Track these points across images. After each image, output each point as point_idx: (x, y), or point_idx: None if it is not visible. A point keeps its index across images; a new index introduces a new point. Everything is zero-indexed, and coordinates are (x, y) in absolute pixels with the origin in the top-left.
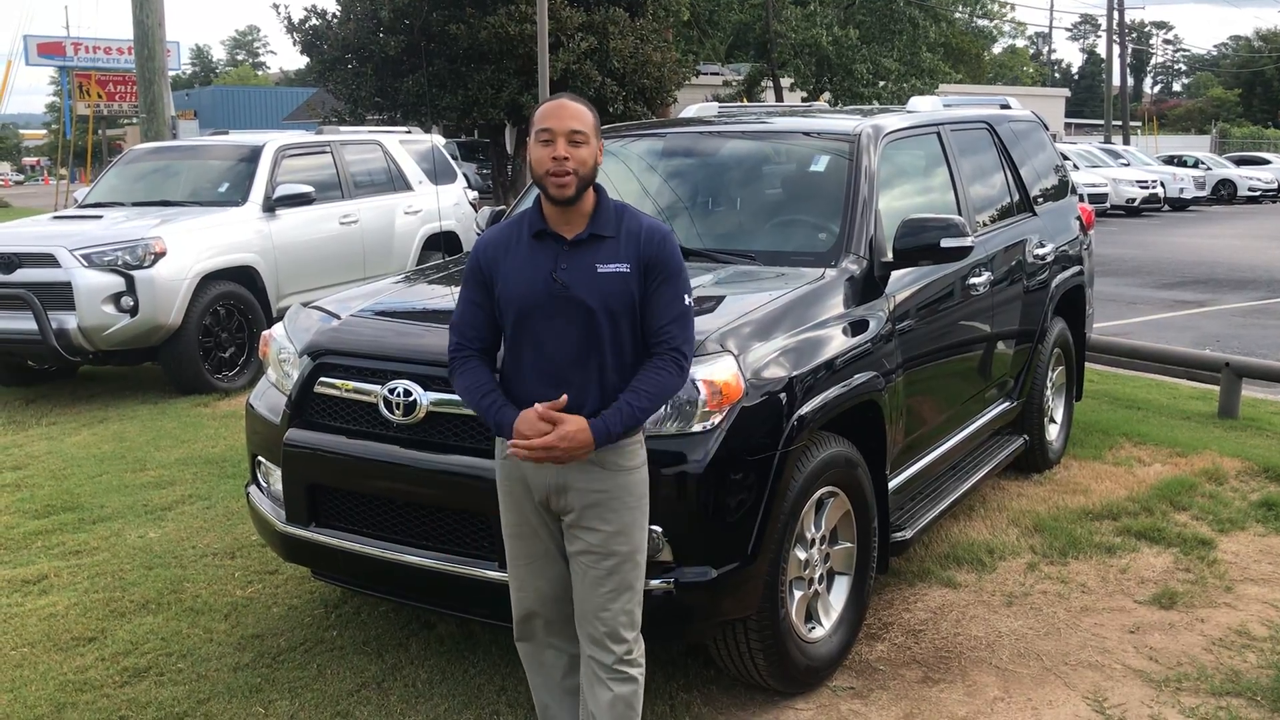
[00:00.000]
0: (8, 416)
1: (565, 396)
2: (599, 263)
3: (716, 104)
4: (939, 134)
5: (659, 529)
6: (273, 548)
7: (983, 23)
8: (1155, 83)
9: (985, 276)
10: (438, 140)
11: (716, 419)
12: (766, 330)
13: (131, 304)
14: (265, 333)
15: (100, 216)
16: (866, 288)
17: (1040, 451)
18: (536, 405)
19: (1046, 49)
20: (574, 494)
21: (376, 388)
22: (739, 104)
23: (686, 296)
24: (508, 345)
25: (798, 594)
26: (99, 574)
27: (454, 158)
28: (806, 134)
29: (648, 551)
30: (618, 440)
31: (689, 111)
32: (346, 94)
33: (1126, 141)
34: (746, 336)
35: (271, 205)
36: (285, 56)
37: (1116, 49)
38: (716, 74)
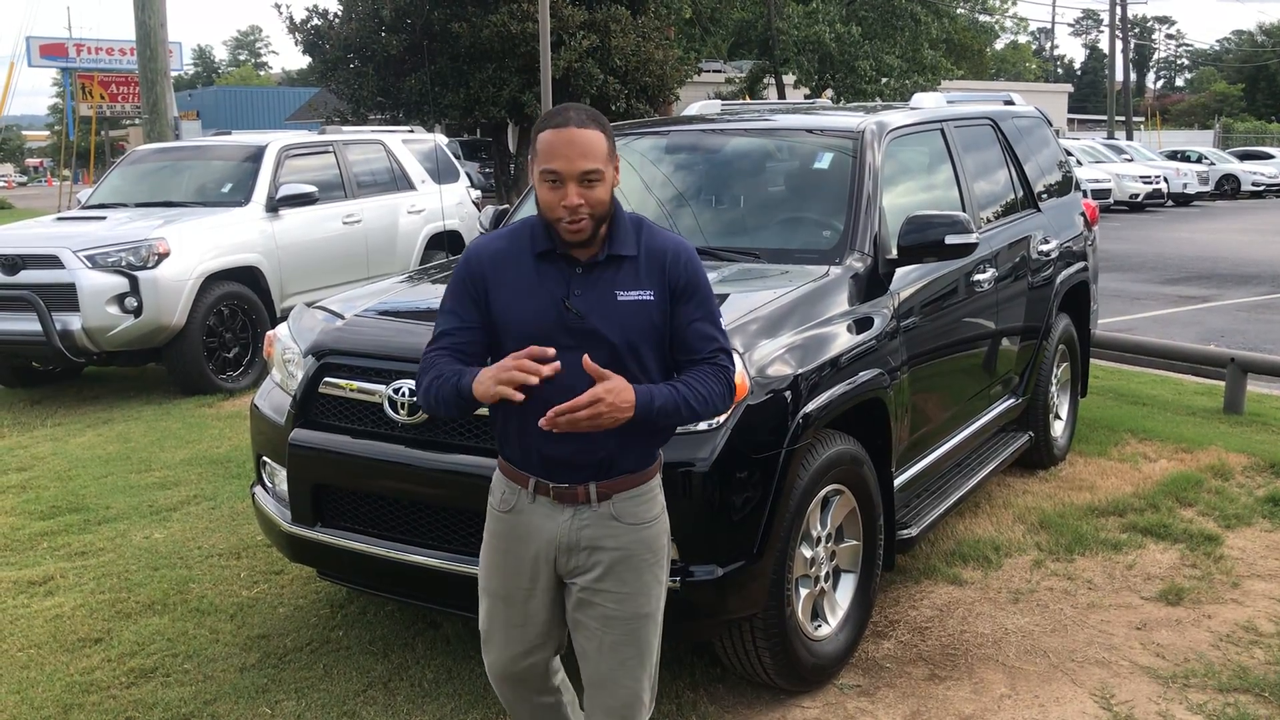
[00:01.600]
0: (13, 418)
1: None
2: (619, 289)
3: (719, 101)
4: (942, 130)
5: None
6: (278, 548)
7: (985, 19)
8: (1158, 78)
9: (989, 273)
10: (440, 139)
11: (722, 417)
12: (771, 328)
13: (135, 305)
14: (269, 333)
15: (104, 217)
16: (871, 285)
17: (1045, 448)
18: (530, 349)
19: (1049, 44)
20: (591, 553)
21: (381, 387)
22: (741, 101)
23: (718, 311)
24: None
25: (804, 592)
26: (105, 575)
27: (457, 157)
28: (810, 131)
29: None
30: (654, 419)
31: (692, 109)
32: (349, 94)
33: (1130, 137)
34: (751, 335)
35: (275, 205)
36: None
37: (1119, 44)
38: (719, 71)
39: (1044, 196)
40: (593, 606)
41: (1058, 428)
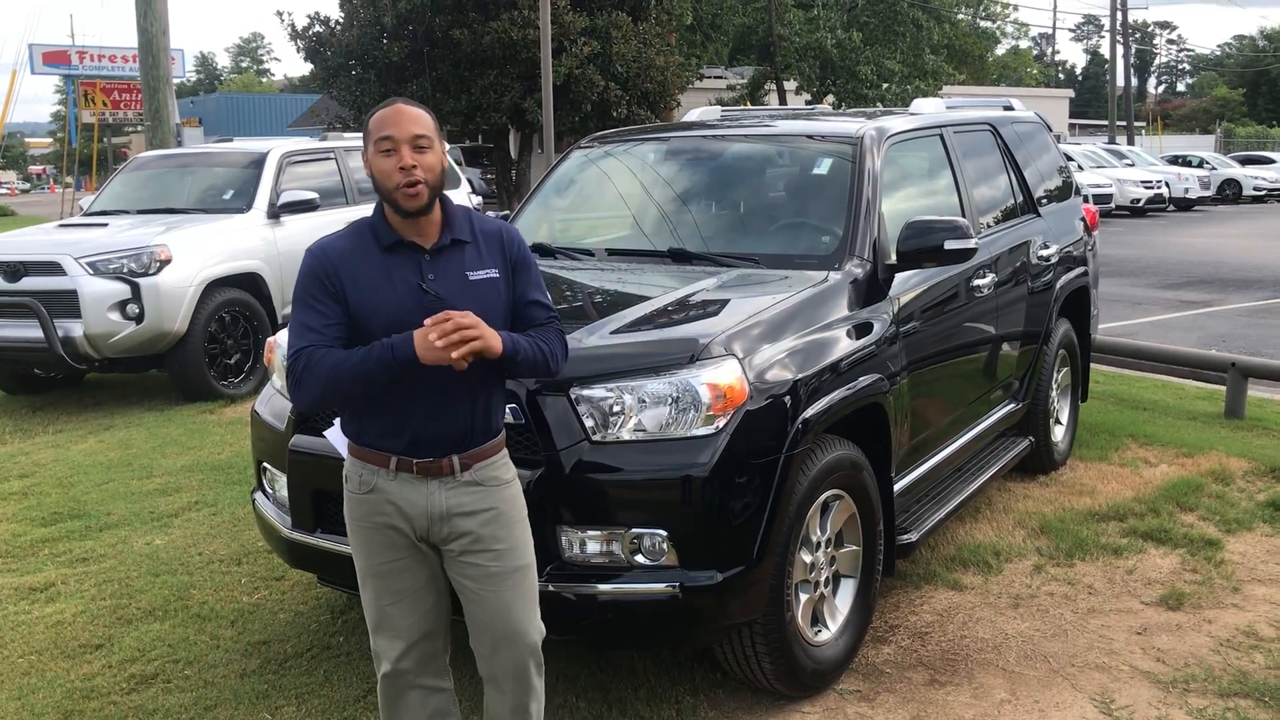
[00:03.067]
0: (15, 424)
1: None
2: (468, 270)
3: (719, 108)
4: (942, 136)
5: (663, 532)
6: (278, 554)
7: (986, 24)
8: (1159, 83)
9: (989, 278)
10: None
11: (721, 422)
12: (771, 333)
13: (137, 311)
14: (270, 339)
15: (105, 224)
16: (870, 290)
17: (1046, 453)
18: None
19: (1050, 50)
20: (462, 519)
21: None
22: (742, 107)
23: (543, 283)
24: None
25: (803, 597)
26: (106, 581)
27: (458, 163)
28: (809, 137)
29: (652, 554)
30: (517, 360)
31: (692, 115)
32: (350, 100)
33: (1131, 142)
34: (751, 340)
35: (276, 212)
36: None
37: (1120, 49)
38: (720, 77)
39: (1044, 201)
40: (475, 567)
41: (1058, 432)
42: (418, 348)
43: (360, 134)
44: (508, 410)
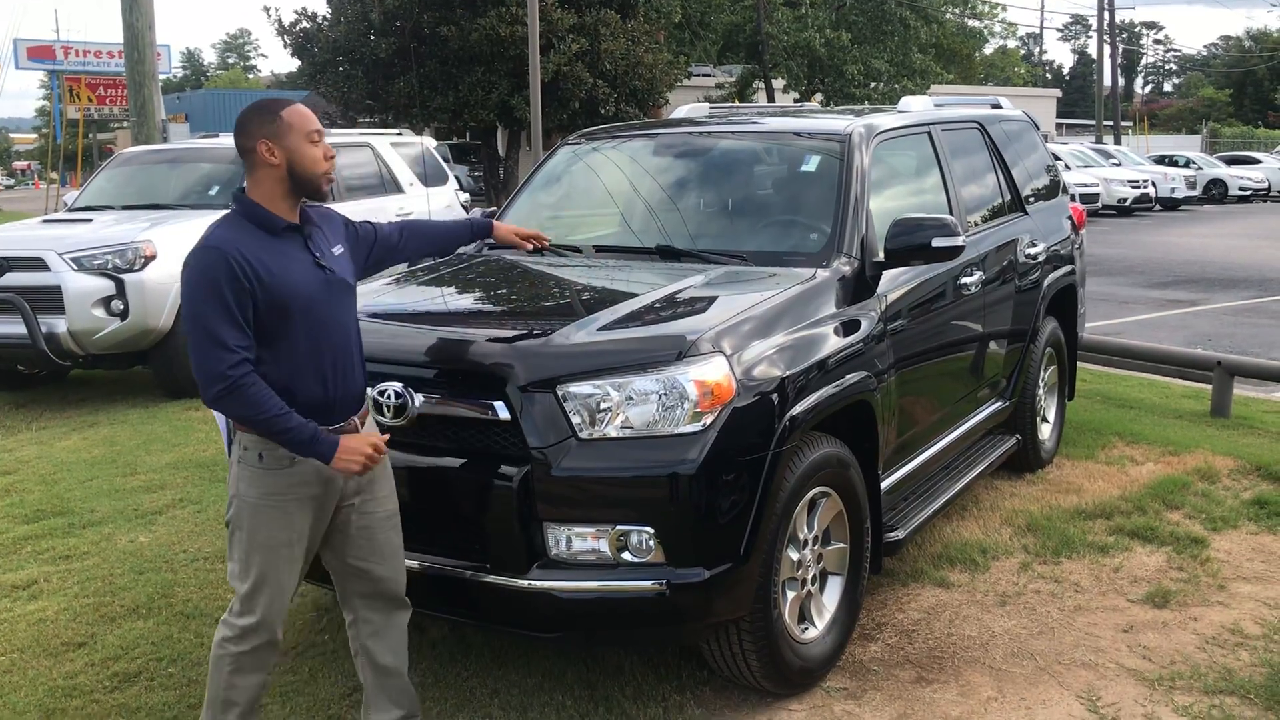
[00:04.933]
0: None
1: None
2: (332, 246)
3: (708, 104)
4: (930, 134)
5: (650, 530)
6: None
7: (973, 23)
8: (1146, 83)
9: (977, 276)
10: (429, 142)
11: (709, 419)
12: (758, 331)
13: (121, 308)
14: None
15: (90, 220)
16: (858, 288)
17: (1033, 451)
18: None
19: (1037, 49)
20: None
21: (367, 390)
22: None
23: None
24: (282, 344)
25: (790, 595)
26: (89, 579)
27: (445, 160)
28: (797, 134)
29: (639, 552)
30: None
31: (680, 112)
32: (337, 96)
33: (1118, 141)
34: (739, 337)
35: None
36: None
37: (1107, 49)
38: (708, 75)
39: (1031, 200)
40: (367, 515)
41: (1045, 431)
42: (338, 458)
43: (346, 131)
44: (495, 406)
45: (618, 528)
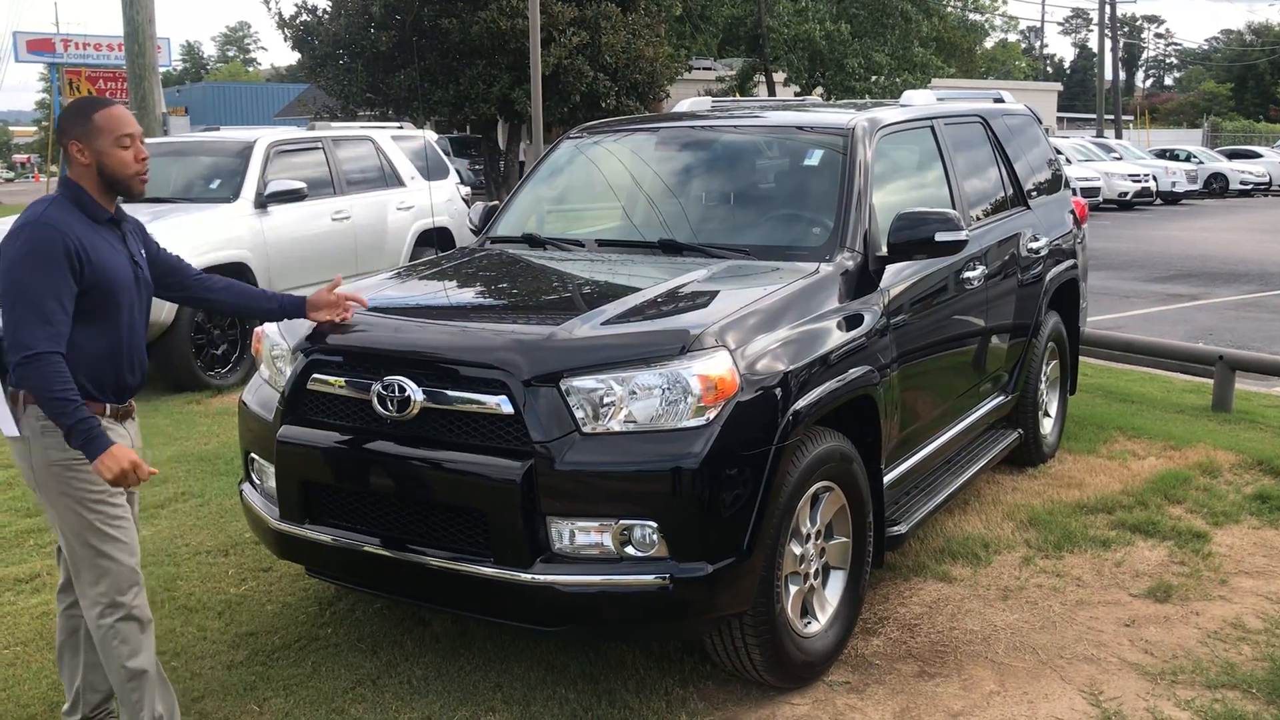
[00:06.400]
0: None
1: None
2: (142, 247)
3: (709, 98)
4: (933, 128)
5: (653, 524)
6: (266, 545)
7: (975, 17)
8: (1147, 77)
9: (979, 270)
10: (430, 136)
11: (712, 414)
12: (761, 325)
13: None
14: (257, 329)
15: None
16: (861, 282)
17: (1035, 445)
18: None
19: (1038, 43)
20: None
21: (370, 383)
22: (732, 98)
23: None
24: (100, 324)
25: (793, 589)
26: None
27: (446, 153)
28: (800, 128)
29: (642, 546)
30: None
31: (682, 106)
32: (338, 90)
33: (1119, 135)
34: (742, 331)
35: (263, 201)
36: (276, 52)
37: (1108, 43)
38: (709, 69)
39: (1034, 194)
40: (134, 493)
41: (1047, 425)
42: (107, 468)
43: (348, 124)
44: (498, 400)
45: (621, 522)
